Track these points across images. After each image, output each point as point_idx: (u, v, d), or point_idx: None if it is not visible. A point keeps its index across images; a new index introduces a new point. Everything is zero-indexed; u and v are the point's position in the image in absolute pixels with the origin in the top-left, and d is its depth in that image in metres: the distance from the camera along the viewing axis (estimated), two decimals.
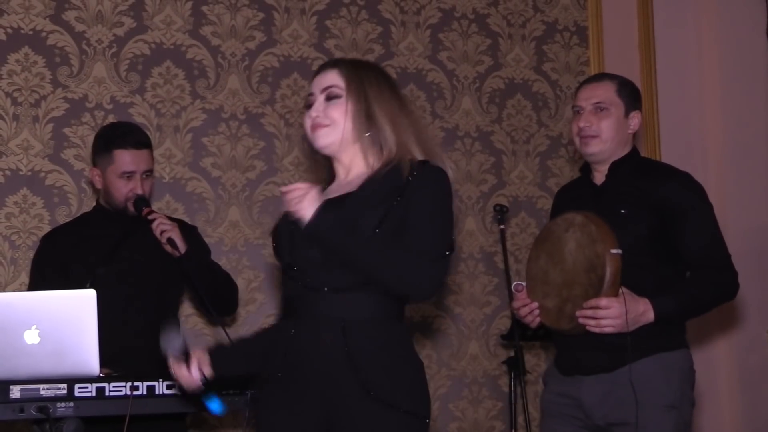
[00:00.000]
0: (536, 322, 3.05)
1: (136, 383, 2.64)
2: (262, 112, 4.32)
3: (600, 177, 3.11)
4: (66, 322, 2.61)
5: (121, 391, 2.63)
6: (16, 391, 2.56)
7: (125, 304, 3.28)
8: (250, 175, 4.27)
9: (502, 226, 3.50)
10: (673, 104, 4.92)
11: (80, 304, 2.62)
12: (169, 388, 2.67)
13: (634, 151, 3.13)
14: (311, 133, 2.45)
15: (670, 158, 4.41)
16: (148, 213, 3.30)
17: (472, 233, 4.60)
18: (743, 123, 4.91)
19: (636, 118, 3.09)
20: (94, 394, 2.61)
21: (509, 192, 4.69)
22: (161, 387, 2.67)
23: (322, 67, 2.52)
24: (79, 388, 2.60)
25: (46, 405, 2.56)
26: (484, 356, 4.55)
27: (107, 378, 2.65)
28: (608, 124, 3.04)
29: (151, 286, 3.36)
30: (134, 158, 3.32)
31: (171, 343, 2.40)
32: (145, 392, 2.65)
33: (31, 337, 2.59)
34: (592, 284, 2.87)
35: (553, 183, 4.71)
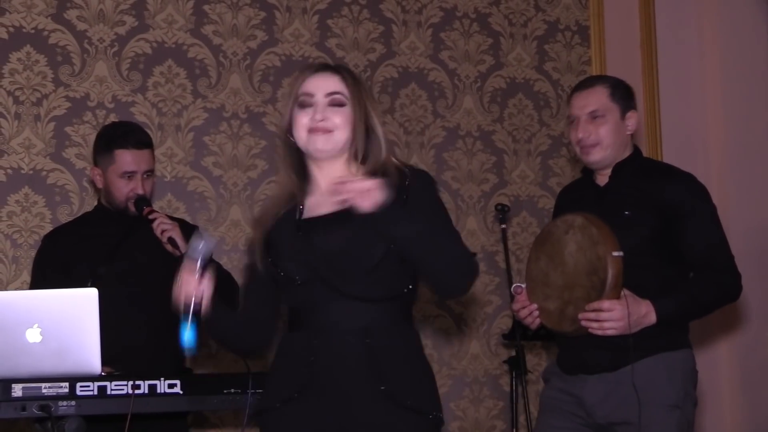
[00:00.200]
0: (536, 324, 3.05)
1: (137, 382, 2.63)
2: (264, 111, 4.31)
3: (603, 178, 3.09)
4: (68, 321, 2.60)
5: (123, 389, 2.63)
6: (18, 390, 2.56)
7: (126, 303, 3.28)
8: (251, 174, 4.27)
9: (503, 226, 3.51)
10: (675, 104, 4.92)
11: (82, 303, 2.61)
12: (171, 387, 2.67)
13: (637, 151, 3.12)
14: (308, 135, 2.40)
15: (671, 158, 4.41)
16: (149, 212, 3.30)
17: (474, 233, 4.60)
18: (745, 123, 4.90)
19: (633, 118, 3.07)
20: (95, 392, 2.60)
21: (510, 191, 4.69)
22: (163, 386, 2.66)
23: (318, 68, 2.47)
24: (81, 386, 2.59)
25: (47, 403, 2.56)
26: (485, 355, 4.55)
27: (109, 377, 2.65)
28: (606, 131, 3.02)
29: (152, 286, 3.35)
30: (135, 158, 3.32)
31: (197, 247, 2.32)
32: (146, 391, 2.64)
33: (33, 335, 2.59)
34: (594, 287, 2.86)
35: (554, 182, 4.71)
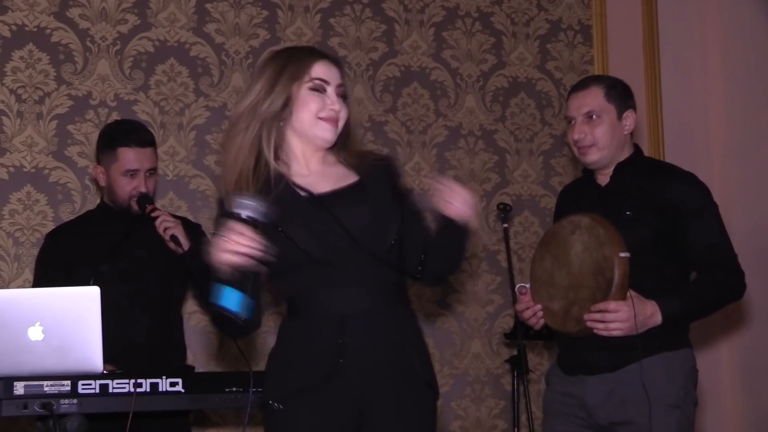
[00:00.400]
0: (540, 325, 3.04)
1: (139, 380, 2.64)
2: None
3: (604, 178, 3.09)
4: (70, 319, 2.61)
5: (125, 388, 2.63)
6: (19, 388, 2.56)
7: (129, 301, 3.28)
8: None
9: (505, 225, 3.49)
10: (678, 103, 4.91)
11: (84, 301, 2.61)
12: (173, 385, 2.68)
13: (638, 151, 3.11)
14: (317, 121, 2.41)
15: (673, 157, 4.40)
16: (152, 210, 3.30)
17: (475, 232, 4.59)
18: (747, 122, 4.90)
19: (630, 118, 3.06)
20: (97, 391, 2.61)
21: (512, 191, 4.69)
22: (164, 384, 2.66)
23: (324, 56, 2.47)
24: (83, 384, 2.60)
25: (49, 401, 2.56)
26: (486, 355, 4.55)
27: (111, 375, 2.65)
28: (602, 132, 3.02)
29: (155, 284, 3.36)
30: (138, 156, 3.33)
31: (247, 204, 2.20)
32: (148, 389, 2.64)
33: (35, 333, 2.59)
34: (599, 287, 2.86)
35: (556, 182, 4.71)
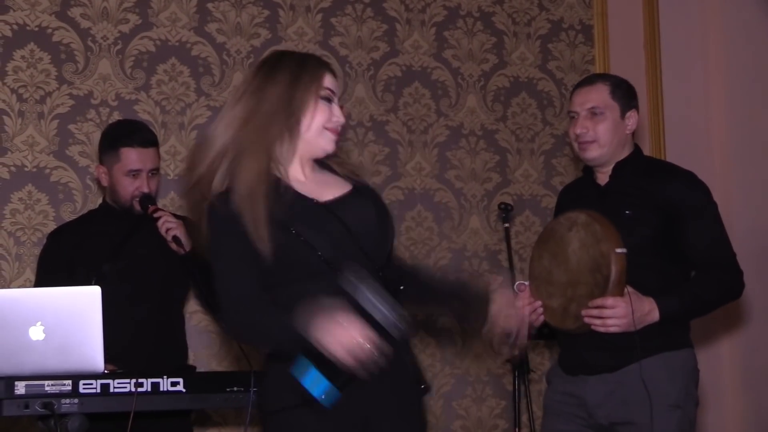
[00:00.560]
0: (539, 322, 3.05)
1: (140, 380, 2.64)
2: None
3: (603, 177, 3.09)
4: (71, 319, 2.61)
5: (126, 387, 2.63)
6: (21, 387, 2.56)
7: (130, 301, 3.28)
8: None
9: (506, 225, 3.50)
10: (679, 103, 4.91)
11: (85, 301, 2.61)
12: (174, 385, 2.67)
13: (637, 150, 3.11)
14: (323, 131, 2.41)
15: (674, 157, 4.40)
16: (154, 211, 3.29)
17: (477, 231, 4.60)
18: (748, 122, 4.90)
19: (633, 118, 3.07)
20: (98, 390, 2.61)
21: (514, 190, 4.69)
22: (166, 384, 2.66)
23: (330, 68, 2.48)
24: (84, 384, 2.60)
25: (50, 401, 2.56)
26: (488, 354, 4.54)
27: (112, 375, 2.65)
28: (604, 128, 3.02)
29: (156, 284, 3.36)
30: (141, 156, 3.32)
31: (386, 306, 2.18)
32: (149, 389, 2.64)
33: (36, 333, 2.59)
34: (597, 284, 2.86)
35: (557, 181, 4.70)
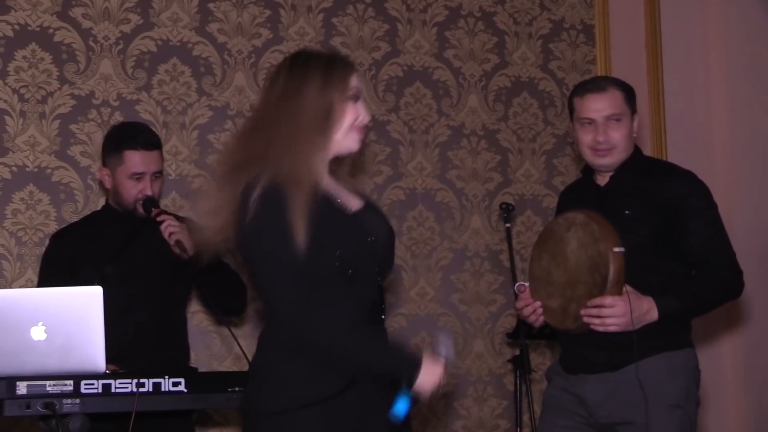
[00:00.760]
0: (540, 322, 3.05)
1: (142, 380, 2.64)
2: None
3: (603, 178, 3.09)
4: (72, 319, 2.61)
5: (127, 388, 2.63)
6: (22, 388, 2.56)
7: (132, 303, 3.27)
8: None
9: (507, 225, 3.50)
10: (680, 103, 4.91)
11: (87, 301, 2.62)
12: (175, 385, 2.68)
13: (637, 150, 3.12)
14: (351, 132, 2.37)
15: (676, 157, 4.40)
16: (157, 214, 3.28)
17: (478, 231, 4.60)
18: (750, 121, 4.90)
19: (636, 121, 3.08)
20: (100, 390, 2.61)
21: (515, 190, 4.69)
22: (167, 384, 2.66)
23: (355, 66, 2.45)
24: (85, 384, 2.60)
25: (52, 401, 2.56)
26: (489, 354, 4.55)
27: (113, 375, 2.65)
28: (623, 135, 3.02)
29: (159, 285, 3.35)
30: (144, 159, 3.31)
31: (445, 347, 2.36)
32: (151, 389, 2.64)
33: (38, 333, 2.59)
34: (596, 283, 2.86)
35: (558, 181, 4.71)
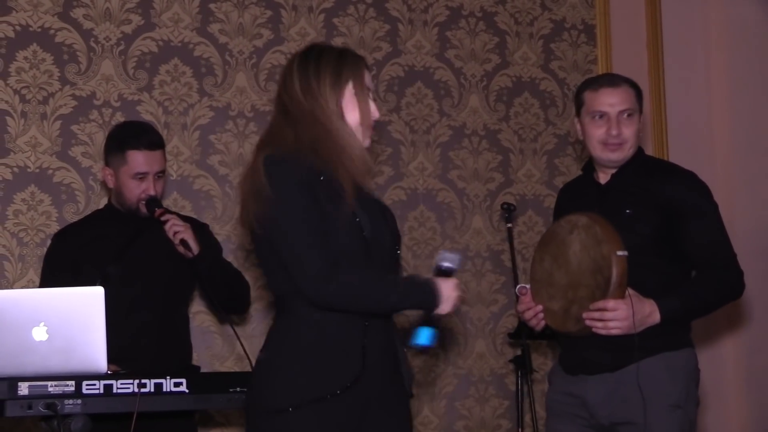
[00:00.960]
0: (541, 326, 3.05)
1: (143, 380, 2.64)
2: (270, 109, 4.29)
3: (605, 177, 3.09)
4: (74, 319, 2.61)
5: (129, 388, 2.63)
6: (24, 388, 2.56)
7: (135, 303, 3.28)
8: None
9: (509, 225, 3.49)
10: (681, 102, 4.91)
11: (88, 301, 2.62)
12: (177, 385, 2.68)
13: (639, 150, 3.12)
14: (365, 128, 2.48)
15: (677, 156, 4.40)
16: (161, 214, 3.28)
17: (479, 231, 4.60)
18: (751, 121, 4.90)
19: (641, 119, 3.10)
20: (101, 391, 2.61)
21: (516, 190, 4.69)
22: (169, 384, 2.66)
23: (366, 63, 2.53)
24: (87, 385, 2.60)
25: (53, 402, 2.56)
26: (490, 355, 4.55)
27: (115, 375, 2.65)
28: (633, 131, 3.04)
29: (161, 286, 3.35)
30: (147, 159, 3.31)
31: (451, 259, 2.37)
32: (152, 389, 2.64)
33: (39, 333, 2.59)
34: (598, 286, 2.86)
35: (560, 181, 4.70)
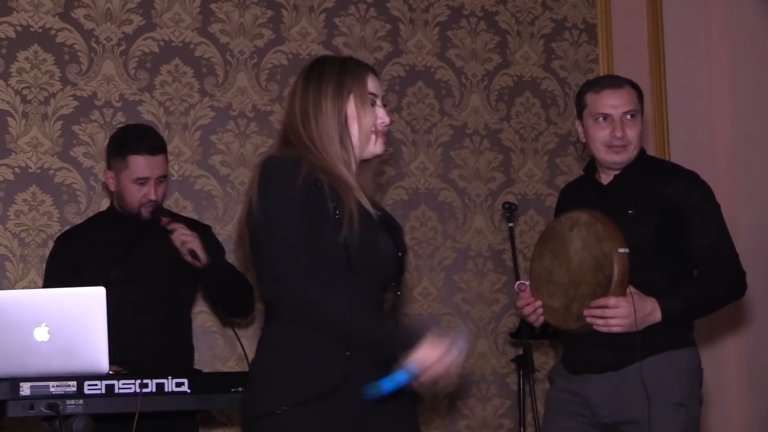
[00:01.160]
0: (540, 322, 3.05)
1: (145, 381, 2.64)
2: (271, 109, 4.32)
3: (607, 177, 3.09)
4: (75, 320, 2.61)
5: (131, 388, 2.63)
6: (26, 388, 2.56)
7: (138, 305, 3.27)
8: None
9: (510, 224, 3.49)
10: (682, 102, 4.91)
11: (89, 302, 2.62)
12: (179, 386, 2.68)
13: (641, 150, 3.12)
14: (371, 136, 2.43)
15: (679, 156, 4.40)
16: (168, 223, 3.26)
17: (481, 231, 4.60)
18: (752, 121, 4.90)
19: (642, 120, 3.11)
20: (103, 391, 2.61)
21: (518, 190, 4.68)
22: (170, 384, 2.66)
23: (371, 69, 2.49)
24: (89, 385, 2.60)
25: (55, 402, 2.56)
26: (492, 354, 4.55)
27: (116, 375, 2.66)
28: (637, 132, 3.05)
29: (164, 290, 3.34)
30: (149, 164, 3.29)
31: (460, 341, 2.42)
32: (154, 390, 2.64)
33: (41, 334, 2.59)
34: (599, 283, 2.86)
35: (561, 181, 4.70)
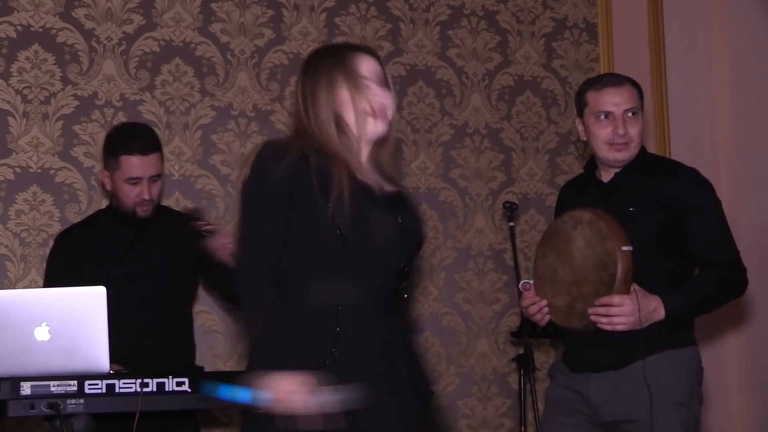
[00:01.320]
0: (545, 321, 3.05)
1: (146, 380, 2.64)
2: (272, 109, 4.32)
3: (607, 175, 3.09)
4: (76, 319, 2.61)
5: (131, 388, 2.63)
6: (26, 388, 2.56)
7: (139, 304, 3.27)
8: None
9: (511, 224, 3.49)
10: (683, 101, 4.91)
11: (90, 301, 2.62)
12: (179, 385, 2.67)
13: (641, 148, 3.12)
14: (368, 118, 2.36)
15: (679, 155, 4.40)
16: (205, 227, 3.23)
17: (482, 230, 4.60)
18: (753, 119, 4.89)
19: (643, 118, 3.11)
20: (104, 390, 2.61)
21: (518, 189, 4.68)
22: (171, 384, 2.66)
23: (368, 51, 2.44)
24: (89, 384, 2.60)
25: (56, 402, 2.56)
26: (493, 353, 4.55)
27: (117, 375, 2.65)
28: (639, 130, 3.05)
29: (165, 288, 3.35)
30: (141, 164, 3.28)
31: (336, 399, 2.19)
32: (155, 389, 2.64)
33: (42, 333, 2.59)
34: (603, 282, 2.86)
35: (562, 180, 4.69)
